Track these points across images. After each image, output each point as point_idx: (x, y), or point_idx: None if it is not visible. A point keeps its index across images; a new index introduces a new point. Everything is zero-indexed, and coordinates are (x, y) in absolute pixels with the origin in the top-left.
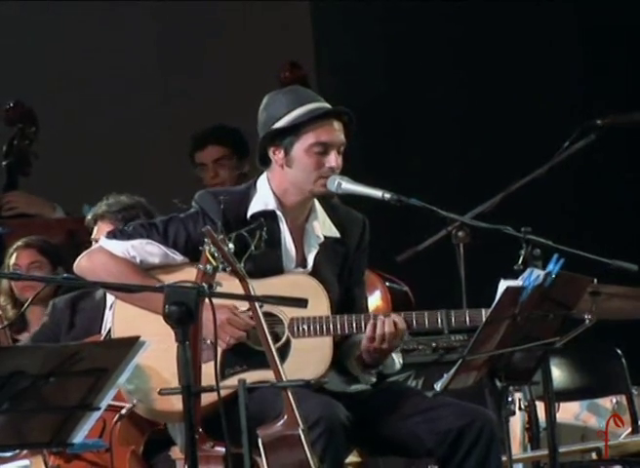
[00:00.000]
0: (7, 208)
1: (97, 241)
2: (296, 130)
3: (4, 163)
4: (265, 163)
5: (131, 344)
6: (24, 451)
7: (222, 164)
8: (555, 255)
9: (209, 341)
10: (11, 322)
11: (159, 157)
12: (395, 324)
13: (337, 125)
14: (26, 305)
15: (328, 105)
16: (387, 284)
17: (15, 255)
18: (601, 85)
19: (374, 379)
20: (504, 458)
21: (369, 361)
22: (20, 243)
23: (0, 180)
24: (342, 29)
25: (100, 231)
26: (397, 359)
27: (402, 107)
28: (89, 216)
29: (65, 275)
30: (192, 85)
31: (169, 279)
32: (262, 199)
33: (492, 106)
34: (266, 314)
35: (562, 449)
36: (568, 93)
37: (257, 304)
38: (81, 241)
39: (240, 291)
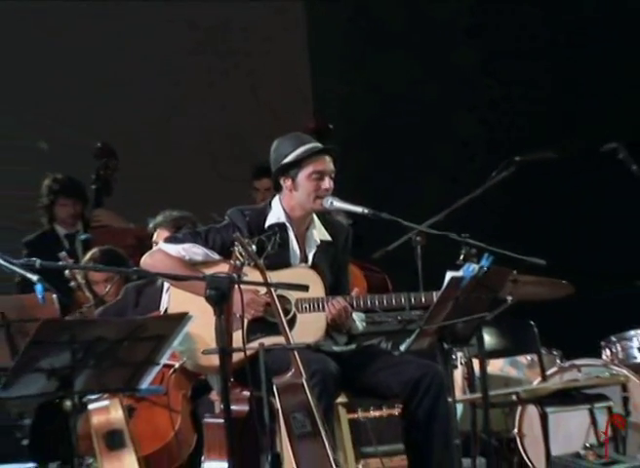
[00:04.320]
0: (95, 221)
1: (156, 244)
2: (299, 163)
3: (93, 187)
4: (278, 188)
5: (181, 318)
6: (106, 395)
7: (271, 192)
8: (486, 254)
9: (238, 315)
10: (95, 303)
11: (202, 180)
12: (339, 303)
13: (327, 158)
14: (106, 292)
15: (320, 145)
16: (364, 272)
17: (89, 272)
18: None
19: (345, 339)
20: (450, 399)
21: (341, 326)
22: (88, 257)
23: (90, 199)
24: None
25: (159, 236)
26: (360, 323)
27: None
28: (150, 225)
29: (135, 268)
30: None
31: (209, 271)
32: (276, 214)
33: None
34: (279, 296)
35: (491, 393)
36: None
37: (272, 289)
38: (145, 244)
39: (260, 279)
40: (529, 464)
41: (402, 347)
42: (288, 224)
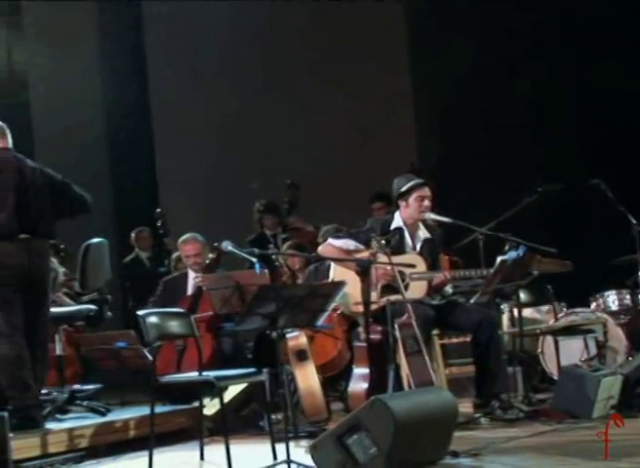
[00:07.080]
0: (290, 224)
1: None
2: (410, 192)
3: (285, 207)
4: (398, 207)
5: (340, 284)
6: (297, 329)
7: (382, 211)
8: (522, 246)
9: (375, 282)
10: (289, 275)
11: (351, 199)
12: (445, 276)
13: (426, 188)
14: (298, 269)
15: (422, 180)
16: (448, 257)
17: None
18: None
19: (438, 297)
20: (500, 332)
21: (437, 289)
22: (287, 246)
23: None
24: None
25: (324, 239)
26: (449, 289)
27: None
28: (320, 239)
29: (314, 254)
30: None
31: (357, 255)
32: (397, 222)
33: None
34: (399, 271)
35: (525, 328)
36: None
37: (394, 267)
38: (317, 242)
39: (388, 261)
40: (546, 370)
41: (472, 301)
42: (404, 228)
